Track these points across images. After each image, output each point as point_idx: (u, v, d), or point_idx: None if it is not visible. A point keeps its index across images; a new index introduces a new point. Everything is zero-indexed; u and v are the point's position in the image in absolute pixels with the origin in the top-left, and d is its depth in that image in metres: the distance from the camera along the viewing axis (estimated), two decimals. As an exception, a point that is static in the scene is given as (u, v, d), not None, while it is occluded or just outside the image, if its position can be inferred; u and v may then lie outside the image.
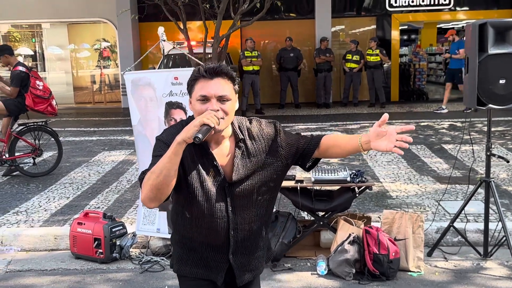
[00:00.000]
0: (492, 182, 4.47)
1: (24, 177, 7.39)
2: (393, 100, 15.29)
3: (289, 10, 14.94)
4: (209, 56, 8.94)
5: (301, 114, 13.21)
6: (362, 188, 4.61)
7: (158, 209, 4.74)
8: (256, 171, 2.21)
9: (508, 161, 4.72)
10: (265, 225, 2.35)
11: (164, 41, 4.87)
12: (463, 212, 4.70)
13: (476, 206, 5.48)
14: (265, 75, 15.11)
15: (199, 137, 1.94)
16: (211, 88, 2.09)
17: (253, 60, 13.06)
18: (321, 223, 4.70)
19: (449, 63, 12.74)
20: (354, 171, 4.66)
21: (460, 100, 12.69)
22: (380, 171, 7.17)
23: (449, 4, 15.08)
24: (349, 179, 4.55)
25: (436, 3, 15.06)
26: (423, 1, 15.03)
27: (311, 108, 14.25)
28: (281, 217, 4.65)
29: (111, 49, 17.34)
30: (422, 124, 11.03)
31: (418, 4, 15.09)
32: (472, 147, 6.00)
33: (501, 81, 4.20)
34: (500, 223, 4.48)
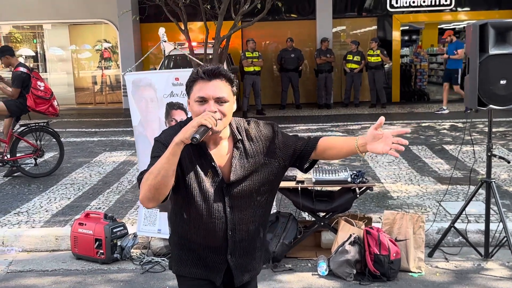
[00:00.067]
0: (493, 182, 4.47)
1: (25, 178, 7.41)
2: (394, 100, 15.29)
3: (290, 10, 14.91)
4: (210, 57, 8.93)
5: (302, 115, 13.21)
6: (363, 188, 4.61)
7: (159, 210, 4.75)
8: (254, 172, 2.23)
9: (509, 162, 4.71)
10: (263, 226, 2.37)
11: (165, 42, 4.88)
12: (464, 213, 4.70)
13: (477, 207, 5.49)
14: (266, 75, 15.11)
15: (196, 137, 1.96)
16: (209, 89, 2.10)
17: (254, 60, 13.06)
18: (322, 223, 4.70)
19: (447, 63, 12.75)
20: (355, 172, 4.66)
21: (461, 100, 12.71)
22: (381, 172, 7.17)
23: (450, 5, 15.07)
24: (350, 179, 4.55)
25: (437, 3, 15.05)
26: (424, 1, 15.02)
27: (312, 108, 14.26)
28: (282, 218, 4.66)
29: (112, 50, 17.35)
30: (423, 124, 11.03)
31: (419, 4, 15.09)
32: (473, 148, 6.01)
33: (501, 81, 4.20)
34: (501, 223, 4.48)
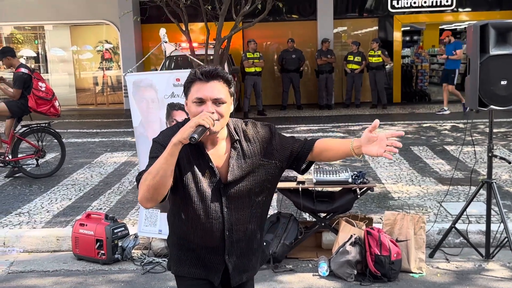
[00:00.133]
0: (494, 183, 4.47)
1: (26, 179, 7.41)
2: (395, 101, 15.28)
3: (291, 11, 14.93)
4: (211, 57, 8.93)
5: (303, 116, 13.22)
6: (364, 189, 4.61)
7: (159, 211, 4.75)
8: (251, 173, 2.24)
9: (510, 162, 4.70)
10: (260, 227, 2.38)
11: (166, 42, 4.89)
12: (465, 213, 4.69)
13: (478, 207, 5.48)
14: (267, 76, 15.12)
15: (194, 137, 1.97)
16: (206, 90, 2.12)
17: (255, 61, 13.07)
18: (322, 224, 4.70)
19: (445, 64, 12.75)
20: (356, 173, 4.66)
21: (459, 101, 12.71)
22: (382, 172, 7.17)
23: (451, 5, 15.06)
24: (350, 180, 4.55)
25: (438, 4, 15.04)
26: (425, 2, 15.01)
27: (313, 109, 14.26)
28: (282, 218, 4.66)
29: (113, 50, 17.36)
30: (424, 125, 11.03)
31: (420, 5, 15.07)
32: (474, 148, 6.01)
33: (502, 82, 4.19)
34: (502, 224, 4.48)
